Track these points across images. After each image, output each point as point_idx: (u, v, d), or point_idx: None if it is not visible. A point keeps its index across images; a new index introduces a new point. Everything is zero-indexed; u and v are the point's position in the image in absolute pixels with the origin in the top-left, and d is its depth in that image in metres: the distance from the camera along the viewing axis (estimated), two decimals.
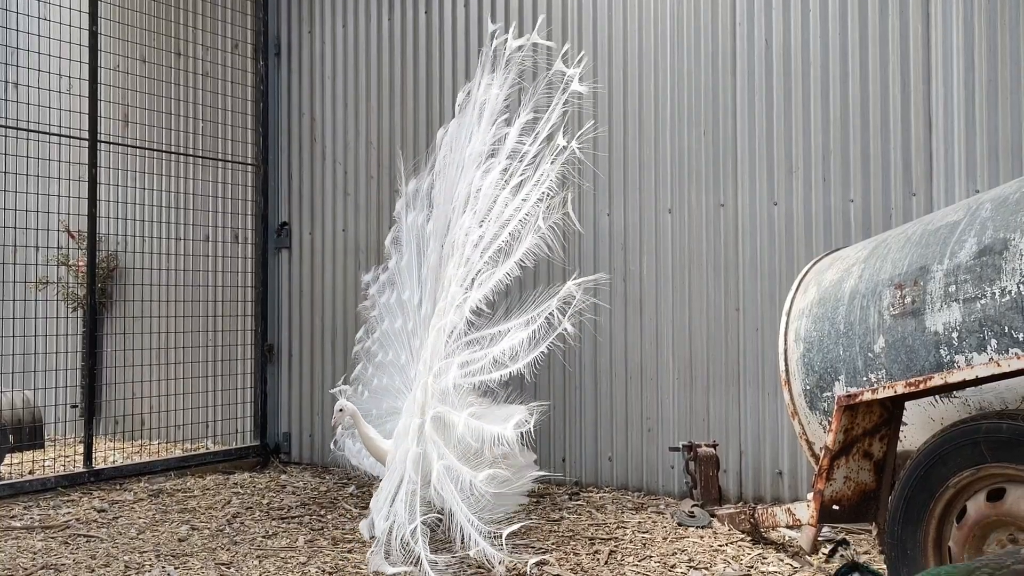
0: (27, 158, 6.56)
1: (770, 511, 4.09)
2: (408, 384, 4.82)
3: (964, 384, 3.02)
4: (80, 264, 6.83)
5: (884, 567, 3.12)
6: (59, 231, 6.99)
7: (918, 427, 3.40)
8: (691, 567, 3.98)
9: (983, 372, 2.87)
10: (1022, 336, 2.93)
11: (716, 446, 4.91)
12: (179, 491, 5.66)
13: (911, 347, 3.29)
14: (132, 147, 6.82)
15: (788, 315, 4.03)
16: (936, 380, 3.02)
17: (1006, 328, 2.97)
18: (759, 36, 5.13)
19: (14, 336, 6.68)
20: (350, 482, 5.85)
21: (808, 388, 3.82)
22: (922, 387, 3.06)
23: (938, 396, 3.24)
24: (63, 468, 5.90)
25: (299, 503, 5.33)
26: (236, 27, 6.87)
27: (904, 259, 3.43)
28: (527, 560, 3.89)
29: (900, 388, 3.12)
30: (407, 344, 4.97)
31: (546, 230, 4.29)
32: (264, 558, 4.20)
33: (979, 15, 4.56)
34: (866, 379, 3.50)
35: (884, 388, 3.20)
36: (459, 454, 4.03)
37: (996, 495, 2.87)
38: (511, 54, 4.75)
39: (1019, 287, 2.94)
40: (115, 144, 6.61)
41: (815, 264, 4.17)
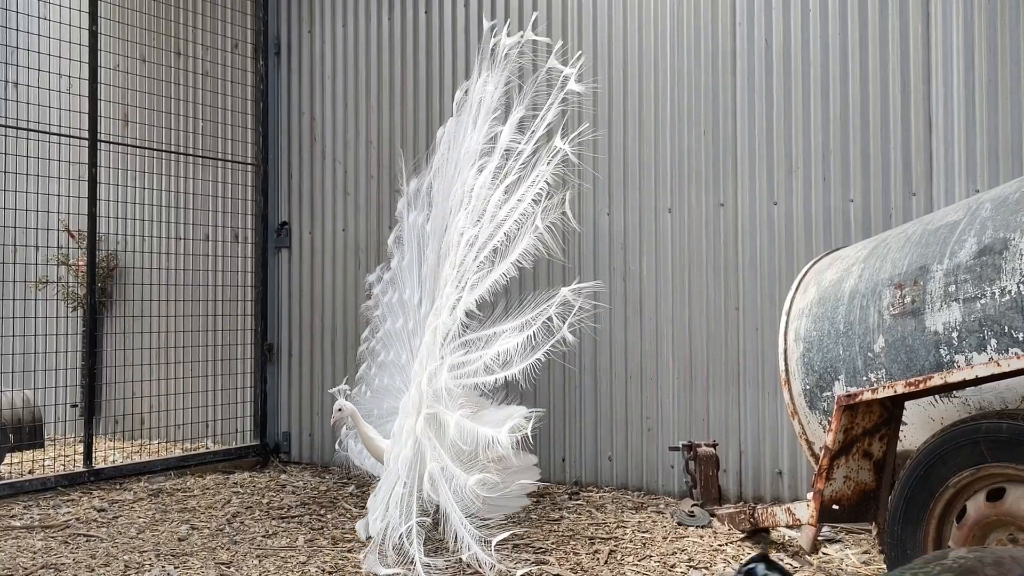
0: (27, 158, 6.55)
1: (770, 511, 4.08)
2: (408, 384, 4.81)
3: (964, 384, 3.02)
4: (80, 264, 6.83)
5: (796, 566, 3.10)
6: (59, 231, 7.00)
7: (918, 427, 3.40)
8: (691, 567, 3.98)
9: (983, 372, 2.88)
10: (1022, 336, 2.93)
11: (716, 446, 4.92)
12: (179, 491, 5.66)
13: (911, 347, 3.29)
14: (132, 147, 6.82)
15: (788, 315, 4.02)
16: (936, 380, 3.02)
17: (1006, 328, 2.97)
18: (759, 36, 5.13)
19: (14, 336, 6.69)
20: (350, 482, 5.85)
21: (808, 388, 3.81)
22: (922, 387, 3.06)
23: (938, 396, 3.24)
24: (63, 468, 5.90)
25: (299, 503, 5.33)
26: (236, 27, 6.86)
27: (904, 259, 3.42)
28: (515, 572, 3.83)
29: (900, 388, 3.12)
30: (408, 344, 4.95)
31: (544, 230, 4.24)
32: (264, 557, 4.20)
33: (979, 15, 4.56)
34: (866, 379, 3.49)
35: (884, 388, 3.20)
36: (453, 455, 3.99)
37: (996, 495, 2.87)
38: (507, 51, 4.71)
39: (1019, 287, 2.94)
40: (115, 144, 6.61)
41: (815, 264, 4.16)
